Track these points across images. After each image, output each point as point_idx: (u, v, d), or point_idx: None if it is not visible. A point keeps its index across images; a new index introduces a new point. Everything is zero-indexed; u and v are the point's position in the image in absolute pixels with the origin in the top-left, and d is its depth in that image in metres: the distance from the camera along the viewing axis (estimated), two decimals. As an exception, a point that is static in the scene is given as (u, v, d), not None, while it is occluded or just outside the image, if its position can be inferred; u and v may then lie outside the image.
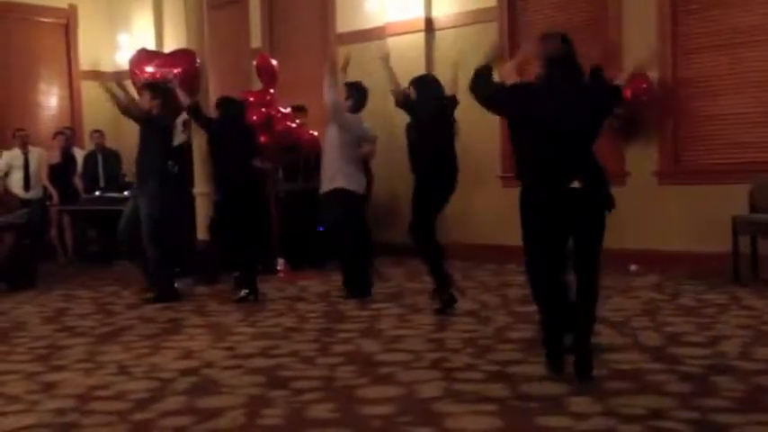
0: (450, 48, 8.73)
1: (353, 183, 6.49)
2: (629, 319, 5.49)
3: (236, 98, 7.31)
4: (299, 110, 8.60)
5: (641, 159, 7.79)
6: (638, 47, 7.61)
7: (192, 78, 7.88)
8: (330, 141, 6.56)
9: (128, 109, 6.77)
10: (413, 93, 5.93)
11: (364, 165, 6.91)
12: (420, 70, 8.67)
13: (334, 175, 6.44)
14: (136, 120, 6.79)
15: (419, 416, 3.54)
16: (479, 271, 7.74)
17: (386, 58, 6.05)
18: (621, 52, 7.81)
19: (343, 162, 6.44)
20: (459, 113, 5.96)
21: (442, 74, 8.51)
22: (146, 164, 6.70)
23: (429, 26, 8.95)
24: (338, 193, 6.43)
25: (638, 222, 7.70)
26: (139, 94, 7.07)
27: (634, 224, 7.70)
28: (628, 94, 7.52)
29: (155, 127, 6.75)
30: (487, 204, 8.46)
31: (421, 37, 8.91)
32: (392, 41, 9.05)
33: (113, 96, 6.76)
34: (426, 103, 5.82)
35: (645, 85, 7.45)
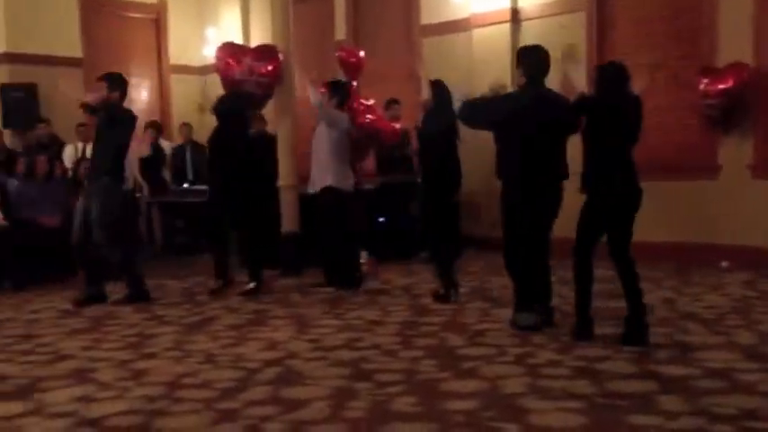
0: (536, 39, 8.57)
1: (342, 181, 6.71)
2: (720, 316, 5.31)
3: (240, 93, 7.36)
4: (393, 102, 8.61)
5: (734, 152, 7.50)
6: (734, 33, 7.34)
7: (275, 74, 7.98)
8: (319, 140, 6.77)
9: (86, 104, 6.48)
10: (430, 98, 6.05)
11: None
12: (505, 63, 8.60)
13: (324, 173, 6.67)
14: (93, 111, 6.50)
15: (503, 411, 3.49)
16: (561, 268, 7.57)
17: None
18: (718, 38, 7.54)
19: (333, 160, 6.68)
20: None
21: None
22: (100, 158, 6.33)
23: (515, 17, 8.81)
24: (328, 192, 6.64)
25: (730, 217, 7.43)
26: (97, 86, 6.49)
27: (726, 219, 7.44)
28: (729, 83, 7.27)
29: (112, 119, 6.34)
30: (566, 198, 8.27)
31: (506, 28, 8.78)
32: (477, 33, 8.97)
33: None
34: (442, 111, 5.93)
35: (744, 75, 7.17)
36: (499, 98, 5.20)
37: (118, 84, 6.45)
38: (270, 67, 7.96)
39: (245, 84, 7.87)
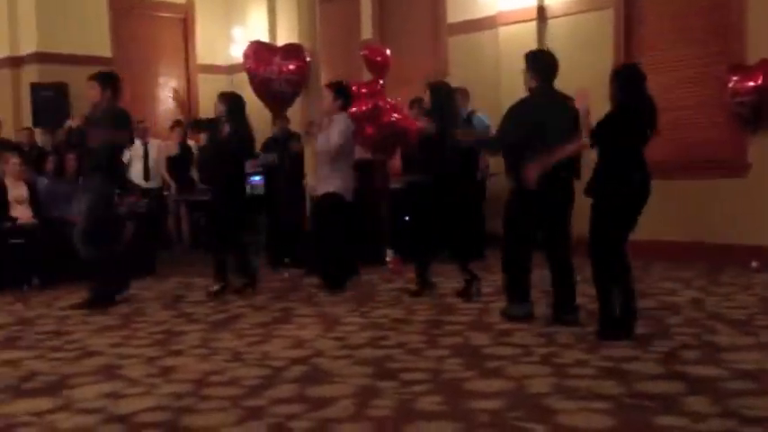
0: (563, 37, 8.55)
1: (343, 187, 6.71)
2: (750, 317, 5.25)
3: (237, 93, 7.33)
4: (418, 101, 8.59)
5: (764, 150, 7.40)
6: (764, 30, 7.25)
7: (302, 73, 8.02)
8: (323, 147, 6.77)
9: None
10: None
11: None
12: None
13: (327, 179, 6.70)
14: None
15: (529, 411, 3.47)
16: (587, 265, 7.52)
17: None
18: (747, 35, 7.45)
19: (336, 167, 6.70)
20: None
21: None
22: (93, 157, 6.26)
23: (542, 14, 8.76)
24: (330, 197, 6.67)
25: (760, 216, 7.33)
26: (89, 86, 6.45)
27: (756, 219, 7.34)
28: (758, 80, 7.19)
29: (105, 118, 6.29)
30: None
31: (533, 26, 8.74)
32: (503, 31, 8.93)
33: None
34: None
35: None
36: (517, 111, 5.22)
37: (110, 82, 6.39)
38: (297, 66, 8.01)
39: (274, 82, 7.92)
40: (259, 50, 8.29)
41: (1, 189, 7.63)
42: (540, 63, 5.27)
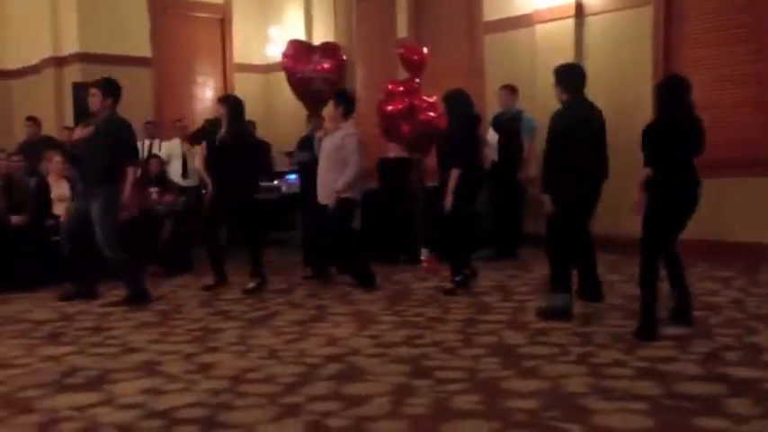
0: (601, 34, 8.46)
1: (352, 190, 6.81)
2: (793, 318, 5.15)
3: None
4: None
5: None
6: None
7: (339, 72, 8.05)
8: (327, 152, 6.82)
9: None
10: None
11: None
12: (568, 59, 8.46)
13: (334, 185, 6.73)
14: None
15: (565, 411, 3.46)
16: (629, 264, 7.45)
17: None
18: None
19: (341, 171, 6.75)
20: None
21: (593, 62, 8.34)
22: (98, 164, 6.30)
23: (579, 12, 8.67)
24: (342, 201, 6.73)
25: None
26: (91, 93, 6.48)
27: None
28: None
29: (108, 127, 6.40)
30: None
31: (570, 23, 8.64)
32: (540, 29, 8.86)
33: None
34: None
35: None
36: (559, 120, 5.44)
37: (111, 90, 6.46)
38: (335, 65, 8.03)
39: (313, 81, 7.96)
40: (298, 49, 8.32)
41: (44, 187, 7.77)
42: (569, 76, 5.49)
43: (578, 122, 5.31)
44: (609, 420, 3.33)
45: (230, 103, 7.07)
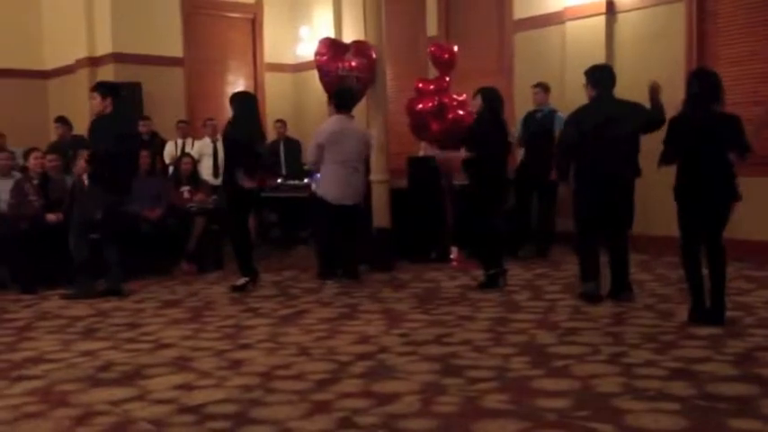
0: (633, 31, 8.38)
1: (326, 190, 6.97)
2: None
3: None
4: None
5: None
6: None
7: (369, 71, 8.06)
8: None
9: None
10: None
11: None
12: (600, 57, 8.43)
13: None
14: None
15: (597, 411, 3.44)
16: (658, 263, 7.40)
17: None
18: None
19: (322, 168, 6.96)
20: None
21: (624, 59, 8.27)
22: (95, 167, 6.53)
23: (610, 9, 8.59)
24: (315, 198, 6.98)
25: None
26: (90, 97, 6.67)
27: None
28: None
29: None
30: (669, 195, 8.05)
31: (602, 21, 8.57)
32: (571, 26, 8.80)
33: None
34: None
35: None
36: (575, 116, 5.88)
37: (109, 90, 6.60)
38: (367, 63, 8.06)
39: (347, 79, 7.98)
40: (332, 47, 8.34)
41: (79, 186, 7.87)
42: (597, 74, 5.82)
43: (594, 118, 5.62)
44: (641, 421, 3.31)
45: (234, 100, 7.07)
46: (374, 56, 8.04)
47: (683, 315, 5.23)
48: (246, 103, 7.00)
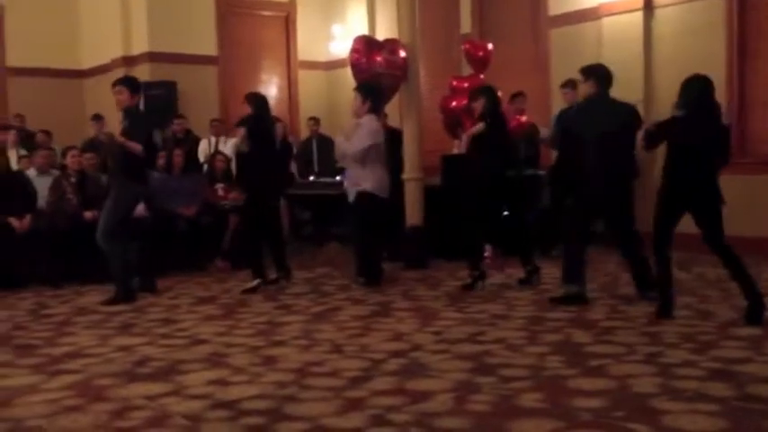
0: (671, 26, 8.26)
1: (377, 187, 6.75)
2: None
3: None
4: (518, 95, 8.52)
5: None
6: None
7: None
8: (354, 149, 6.76)
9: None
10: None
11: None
12: (637, 53, 8.36)
13: (357, 180, 6.75)
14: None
15: (634, 411, 3.39)
16: (697, 263, 7.28)
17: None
18: None
19: (365, 167, 6.72)
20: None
21: (662, 55, 8.16)
22: (119, 159, 6.38)
23: (648, 4, 8.48)
24: (364, 196, 6.71)
25: None
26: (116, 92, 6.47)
27: None
28: None
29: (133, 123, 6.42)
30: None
31: (639, 16, 8.47)
32: (607, 22, 8.71)
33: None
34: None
35: None
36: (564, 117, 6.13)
37: (137, 87, 6.52)
38: (401, 61, 8.05)
39: (384, 77, 7.99)
40: (368, 44, 8.35)
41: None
42: (600, 71, 5.78)
43: (589, 119, 5.72)
44: (678, 422, 3.26)
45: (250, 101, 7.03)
46: (402, 53, 8.03)
47: (723, 315, 5.17)
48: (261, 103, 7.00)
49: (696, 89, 5.07)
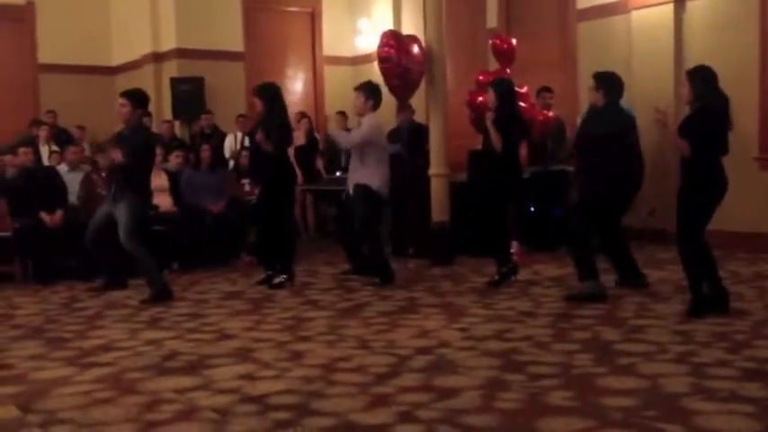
0: (703, 19, 8.13)
1: (372, 181, 6.67)
2: None
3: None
4: (545, 91, 8.44)
5: None
6: None
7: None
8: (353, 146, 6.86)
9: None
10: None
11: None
12: (668, 47, 8.24)
13: (354, 174, 6.76)
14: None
15: (665, 411, 3.34)
16: (732, 260, 7.18)
17: None
18: None
19: (363, 165, 6.70)
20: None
21: (693, 49, 8.03)
22: (123, 177, 6.31)
23: (679, -3, 8.36)
24: (361, 189, 6.66)
25: None
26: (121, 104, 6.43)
27: None
28: None
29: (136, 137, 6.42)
30: (742, 189, 7.79)
31: (669, 9, 8.31)
32: (636, 15, 8.58)
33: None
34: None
35: None
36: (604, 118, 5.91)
37: (141, 101, 6.48)
38: (425, 56, 8.03)
39: (412, 72, 7.97)
40: (398, 39, 8.33)
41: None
42: (610, 80, 5.90)
43: (610, 128, 5.77)
44: (712, 422, 3.21)
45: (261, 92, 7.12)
46: (434, 49, 8.00)
47: (757, 314, 5.08)
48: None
49: (709, 80, 5.04)
